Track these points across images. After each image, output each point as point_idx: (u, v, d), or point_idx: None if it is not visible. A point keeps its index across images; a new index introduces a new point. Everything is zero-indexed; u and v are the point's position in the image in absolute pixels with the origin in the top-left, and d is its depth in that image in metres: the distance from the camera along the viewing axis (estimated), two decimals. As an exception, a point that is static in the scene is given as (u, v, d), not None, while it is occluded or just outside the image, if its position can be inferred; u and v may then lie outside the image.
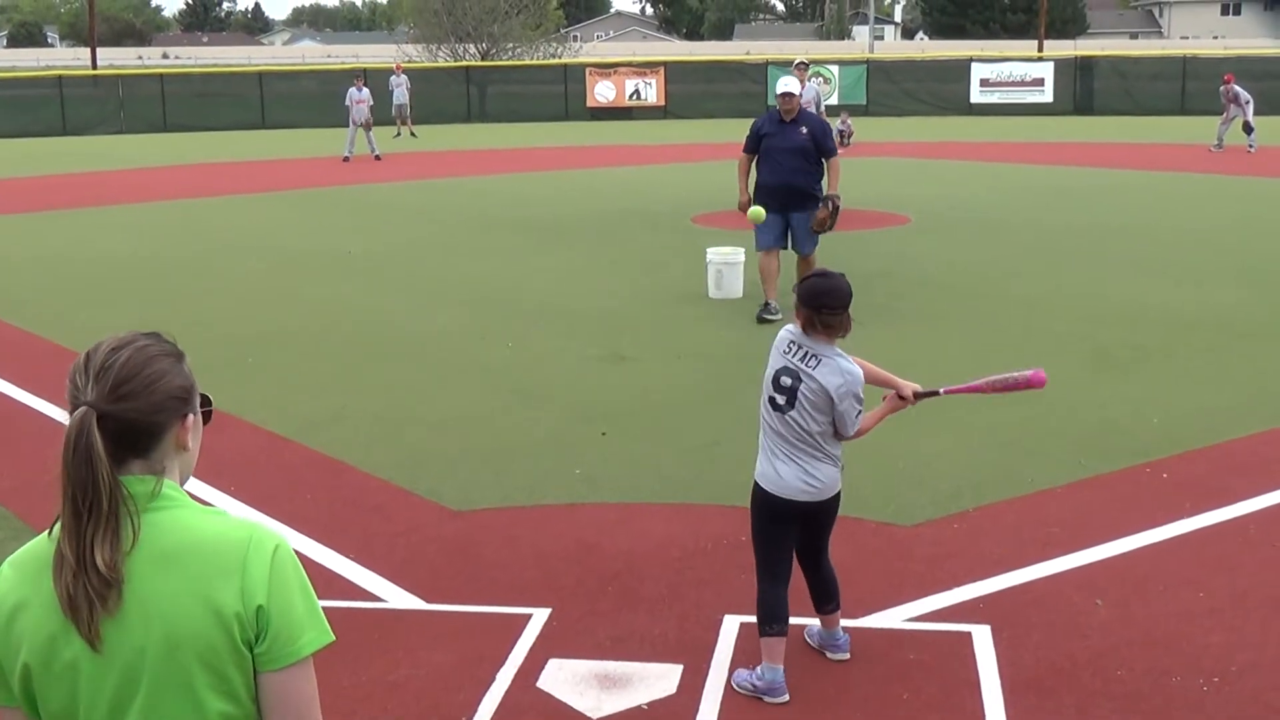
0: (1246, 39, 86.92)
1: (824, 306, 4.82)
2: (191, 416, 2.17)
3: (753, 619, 5.09)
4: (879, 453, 7.73)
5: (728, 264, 12.42)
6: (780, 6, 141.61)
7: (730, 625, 5.36)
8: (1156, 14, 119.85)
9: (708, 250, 12.82)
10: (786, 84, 11.50)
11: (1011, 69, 47.75)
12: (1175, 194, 21.72)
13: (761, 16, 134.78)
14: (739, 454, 7.74)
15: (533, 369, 10.02)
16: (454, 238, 17.33)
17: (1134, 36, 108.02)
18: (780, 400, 4.83)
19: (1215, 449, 7.73)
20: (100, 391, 2.04)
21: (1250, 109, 29.36)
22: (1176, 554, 6.15)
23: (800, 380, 4.80)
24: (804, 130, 11.44)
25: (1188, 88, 45.79)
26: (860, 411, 4.86)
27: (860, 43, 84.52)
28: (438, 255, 15.73)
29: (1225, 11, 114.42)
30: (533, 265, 14.95)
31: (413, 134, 38.07)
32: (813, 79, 18.66)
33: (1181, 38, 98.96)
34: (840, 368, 4.82)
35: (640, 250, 15.97)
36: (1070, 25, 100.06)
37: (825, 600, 5.12)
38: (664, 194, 22.28)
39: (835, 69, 47.64)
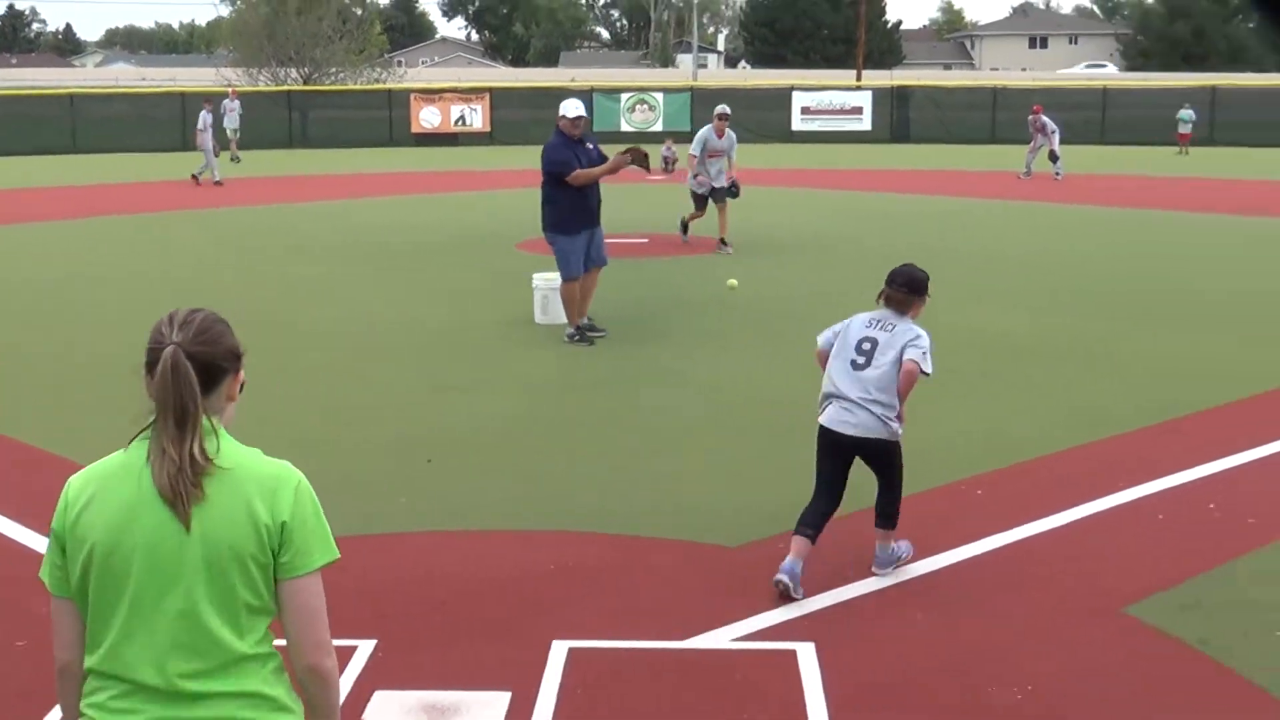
0: (1053, 71, 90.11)
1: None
2: (242, 373, 2.77)
3: (582, 643, 5.31)
4: (705, 474, 7.82)
5: (553, 289, 12.43)
6: (605, 34, 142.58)
7: (559, 651, 5.35)
8: (968, 46, 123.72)
9: (534, 276, 12.83)
10: (577, 107, 11.72)
11: (831, 98, 48.80)
12: (988, 220, 22.40)
13: (587, 44, 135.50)
14: (567, 479, 7.76)
15: (357, 397, 9.90)
16: (275, 265, 17.05)
17: (948, 67, 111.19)
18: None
19: (1031, 464, 7.98)
20: (185, 336, 2.62)
21: (1057, 138, 30.44)
22: (993, 567, 6.33)
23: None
24: (591, 146, 11.75)
25: (998, 117, 47.28)
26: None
27: (684, 70, 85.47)
28: (258, 283, 15.45)
29: (1033, 45, 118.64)
30: (357, 292, 14.79)
31: (237, 159, 37.38)
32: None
33: (992, 69, 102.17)
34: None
35: (466, 277, 15.91)
36: (887, 56, 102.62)
37: (881, 518, 6.24)
38: (489, 220, 22.23)
39: (660, 96, 48.13)
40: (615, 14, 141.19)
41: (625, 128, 46.34)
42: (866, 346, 6.16)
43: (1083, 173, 31.59)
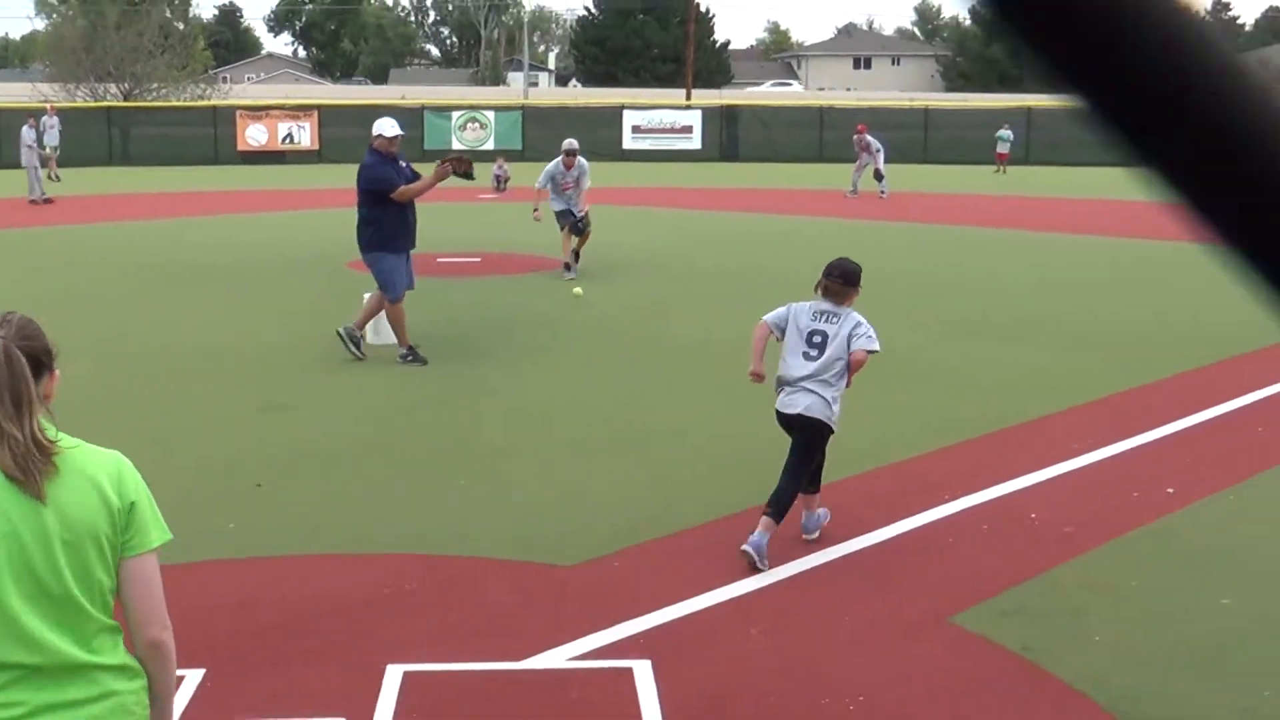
0: (877, 91, 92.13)
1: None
2: (58, 372, 2.89)
3: (416, 667, 5.29)
4: (537, 493, 7.80)
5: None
6: (435, 52, 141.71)
7: (394, 675, 5.29)
8: (795, 66, 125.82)
9: (365, 295, 12.67)
10: (394, 125, 11.66)
11: (662, 116, 49.21)
12: (816, 237, 22.78)
13: (416, 61, 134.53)
14: (398, 501, 7.67)
15: (183, 419, 9.66)
16: (98, 284, 16.57)
17: (775, 86, 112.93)
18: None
19: (855, 480, 8.12)
20: (9, 332, 2.74)
21: (881, 157, 31.13)
22: (823, 582, 6.43)
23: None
24: (405, 165, 11.71)
25: (825, 136, 48.19)
26: None
27: (515, 89, 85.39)
28: (80, 302, 14.99)
29: (857, 65, 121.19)
30: (183, 313, 14.44)
31: (56, 178, 36.24)
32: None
33: (818, 89, 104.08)
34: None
35: (295, 296, 15.65)
36: (716, 75, 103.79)
37: (806, 486, 6.93)
38: (318, 239, 21.90)
39: (491, 114, 48.02)
40: (445, 32, 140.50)
41: (457, 146, 46.07)
42: (818, 339, 6.94)
43: (907, 191, 32.35)
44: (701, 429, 9.43)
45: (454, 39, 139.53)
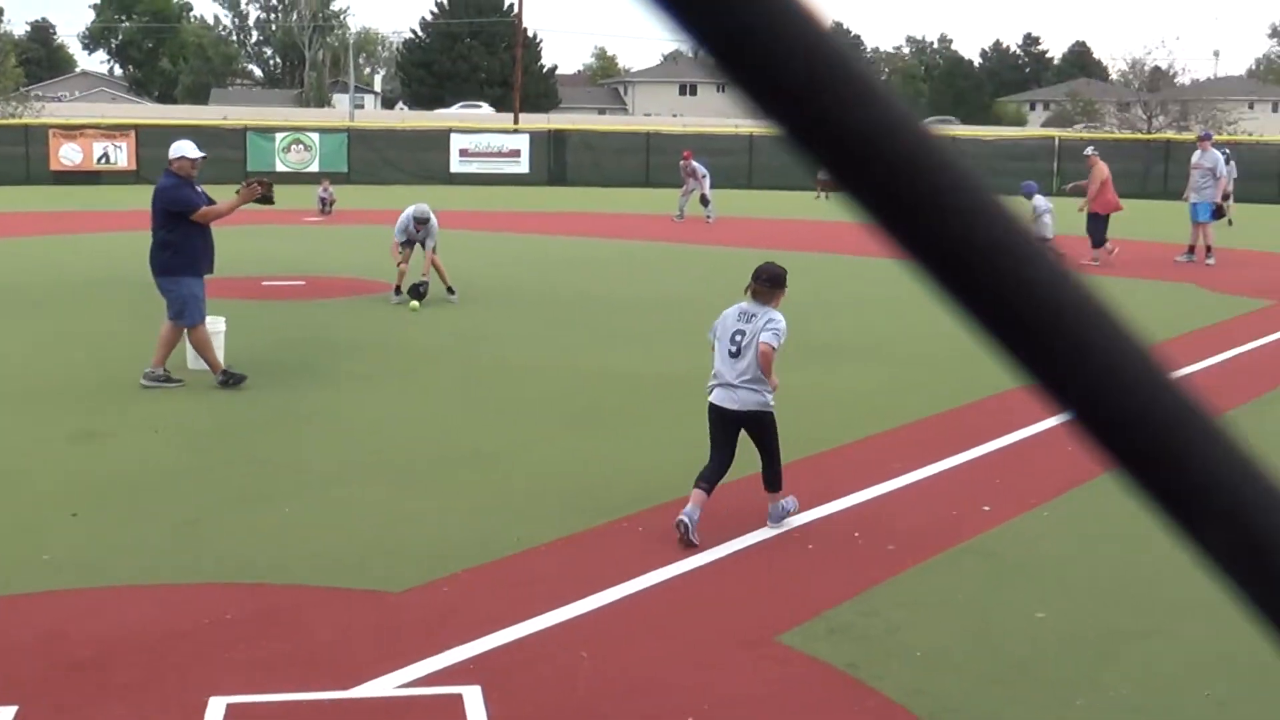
0: (702, 117, 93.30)
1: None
2: None
3: (240, 698, 5.19)
4: (366, 519, 7.71)
5: (209, 333, 12.03)
6: (258, 72, 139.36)
7: (216, 708, 5.16)
8: (622, 91, 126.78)
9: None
10: (196, 147, 11.60)
11: (489, 140, 49.07)
12: (644, 261, 22.96)
13: (239, 81, 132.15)
14: (221, 529, 7.51)
15: (-7, 449, 9.32)
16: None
17: (602, 112, 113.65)
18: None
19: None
20: None
21: (707, 182, 31.51)
22: (654, 601, 6.47)
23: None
24: (200, 190, 11.61)
25: (651, 161, 48.59)
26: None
27: (341, 110, 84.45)
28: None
29: (683, 92, 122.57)
30: (-9, 338, 13.93)
31: None
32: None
33: (645, 115, 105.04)
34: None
35: (112, 320, 15.20)
36: (544, 99, 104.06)
37: (769, 482, 7.54)
38: (136, 262, 21.28)
39: (316, 136, 47.35)
40: (269, 52, 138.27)
41: (281, 168, 45.36)
42: (739, 338, 7.51)
43: (733, 216, 32.78)
44: (529, 453, 9.42)
45: (277, 60, 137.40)
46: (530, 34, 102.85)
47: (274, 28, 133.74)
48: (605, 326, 15.25)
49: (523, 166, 48.17)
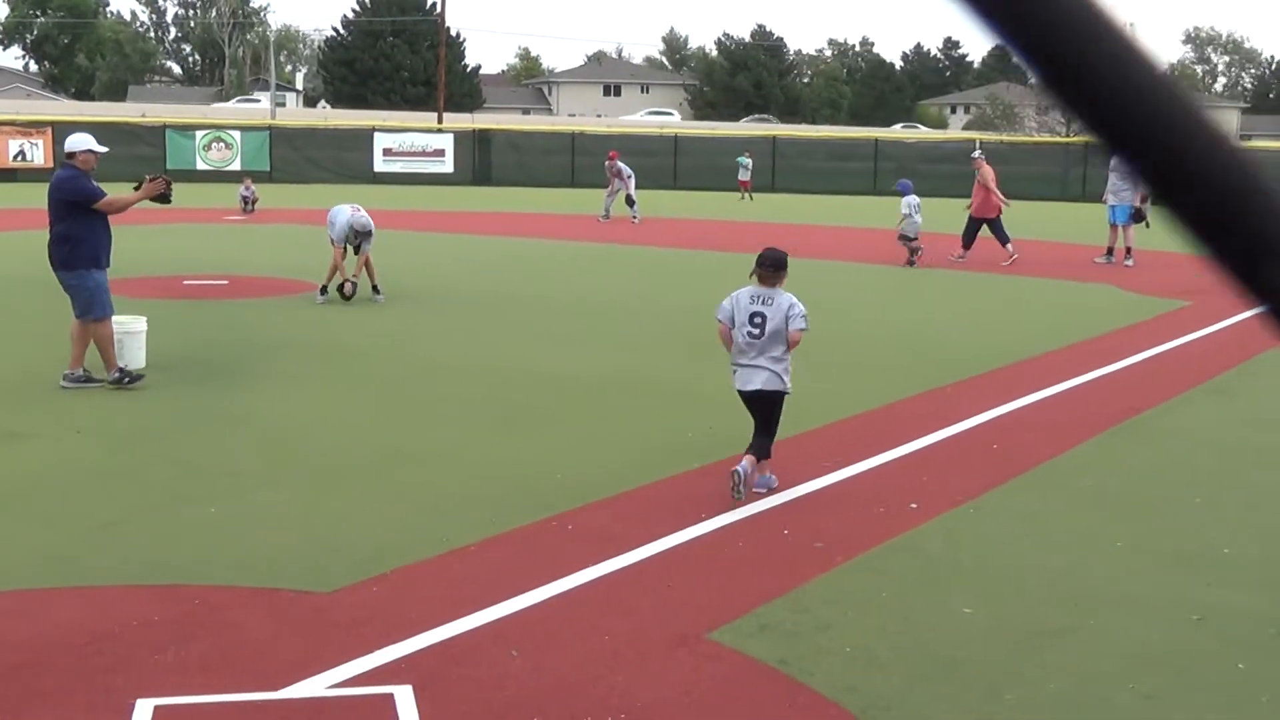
0: (627, 118, 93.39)
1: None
2: None
3: (169, 700, 5.12)
4: (293, 519, 7.64)
5: (128, 333, 11.87)
6: (177, 69, 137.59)
7: (143, 711, 5.09)
8: (546, 92, 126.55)
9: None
10: (93, 141, 11.35)
11: (413, 139, 48.81)
12: (571, 262, 22.96)
13: (157, 78, 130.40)
14: (145, 530, 7.41)
15: (-93, 450, 9.13)
16: None
17: (526, 112, 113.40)
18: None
19: (614, 500, 8.20)
20: None
21: (632, 183, 31.55)
22: (585, 599, 6.47)
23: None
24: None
25: (576, 162, 48.59)
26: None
27: (262, 109, 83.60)
28: None
29: (608, 92, 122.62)
30: (-96, 337, 13.66)
31: None
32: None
33: (569, 115, 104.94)
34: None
35: (32, 319, 14.94)
36: (468, 99, 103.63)
37: (757, 450, 8.22)
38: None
39: (237, 135, 46.85)
40: (187, 49, 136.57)
41: (201, 166, 44.87)
42: (758, 320, 8.32)
43: (658, 216, 32.85)
44: (458, 453, 9.39)
45: (196, 57, 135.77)
46: (453, 33, 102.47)
47: (193, 24, 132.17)
48: (532, 327, 15.22)
49: (447, 166, 47.98)
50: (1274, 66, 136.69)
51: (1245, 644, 6.11)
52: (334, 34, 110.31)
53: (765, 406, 8.37)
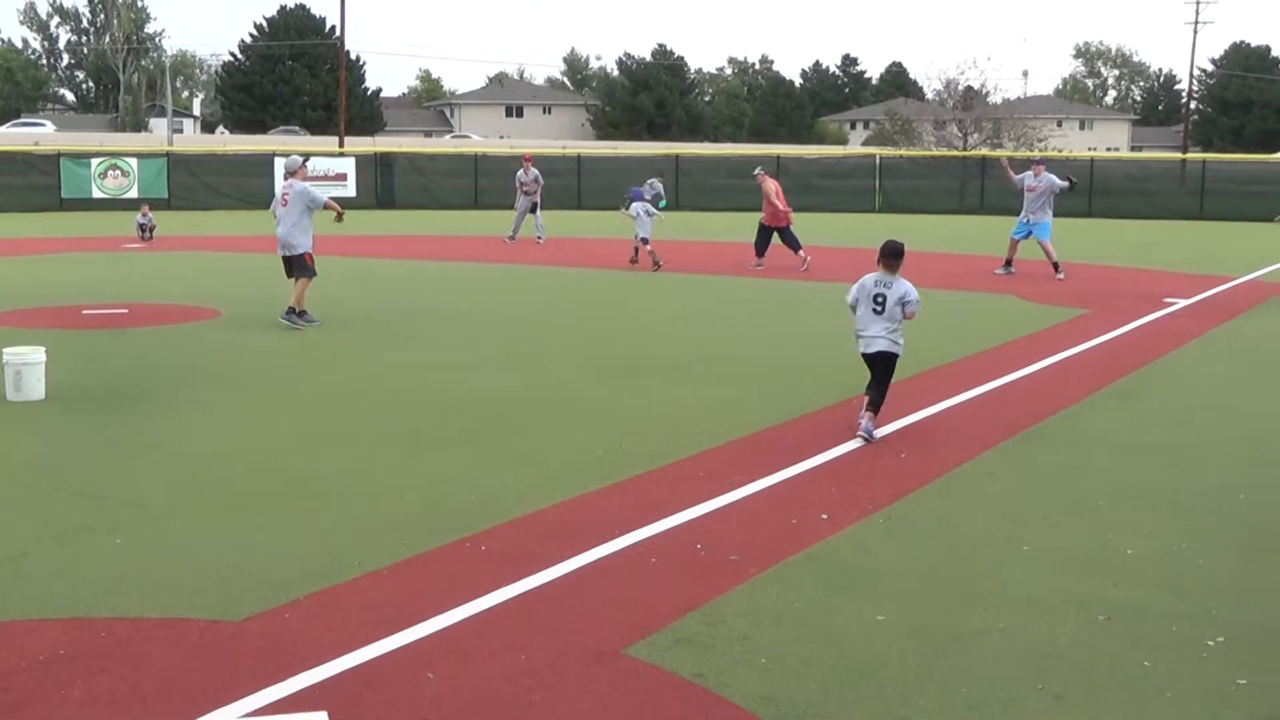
0: (530, 139, 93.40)
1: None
2: None
3: None
4: (203, 548, 7.53)
5: (26, 364, 11.66)
6: (71, 96, 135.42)
7: (51, 746, 4.99)
8: (448, 114, 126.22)
9: (4, 350, 11.99)
10: None
11: (315, 164, 48.41)
12: (477, 283, 22.88)
13: (51, 106, 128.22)
14: (49, 563, 7.27)
15: None
16: None
17: (429, 135, 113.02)
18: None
19: (527, 519, 8.18)
20: None
21: (539, 190, 31.57)
22: (500, 619, 6.44)
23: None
24: None
25: (480, 183, 48.50)
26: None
27: (159, 135, 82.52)
28: None
29: (510, 114, 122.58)
30: None
31: None
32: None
33: (465, 135, 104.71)
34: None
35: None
36: (369, 123, 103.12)
37: (873, 406, 10.50)
38: (-52, 292, 20.56)
39: (134, 162, 46.19)
40: (80, 75, 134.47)
41: (97, 194, 44.17)
42: (880, 299, 10.54)
43: (563, 236, 32.86)
44: (368, 476, 9.32)
45: (90, 83, 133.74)
46: (353, 56, 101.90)
47: (86, 51, 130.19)
48: (440, 348, 15.16)
49: (349, 190, 47.64)
50: (1162, 80, 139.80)
51: (1150, 642, 6.24)
52: (231, 59, 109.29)
53: (883, 365, 10.54)
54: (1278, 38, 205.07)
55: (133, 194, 43.46)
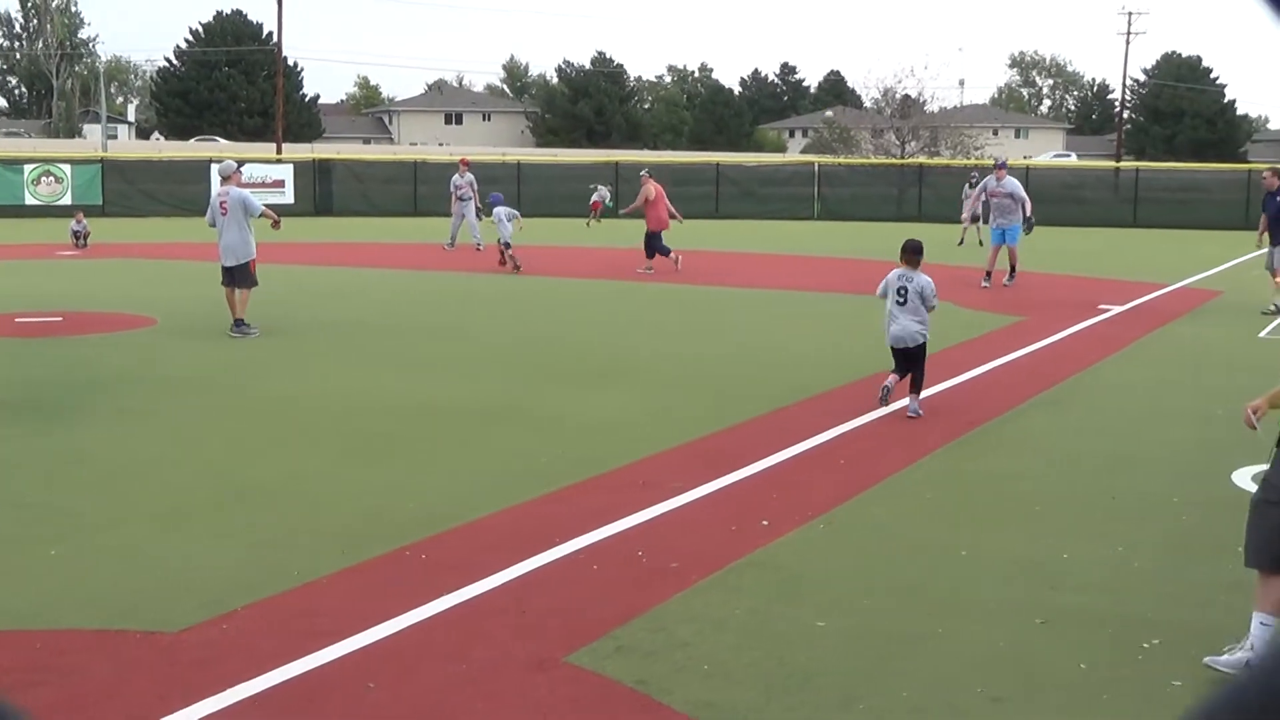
0: (470, 146, 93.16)
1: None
2: None
3: None
4: (138, 559, 7.46)
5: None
6: (3, 102, 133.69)
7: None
8: (387, 121, 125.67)
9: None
10: None
11: (252, 170, 47.97)
12: (413, 290, 22.77)
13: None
14: (-17, 576, 7.17)
15: None
16: None
17: (367, 142, 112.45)
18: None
19: (467, 527, 8.16)
20: None
21: (472, 208, 31.46)
22: (440, 628, 6.42)
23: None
24: None
25: (419, 190, 48.27)
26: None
27: (93, 141, 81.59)
28: None
29: (449, 121, 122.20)
30: None
31: None
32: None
33: (411, 144, 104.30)
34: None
35: None
36: (307, 129, 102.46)
37: (913, 388, 11.76)
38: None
39: (68, 168, 45.59)
40: (13, 81, 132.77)
41: (31, 201, 43.58)
42: (904, 292, 11.66)
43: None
44: (305, 486, 9.26)
45: (23, 89, 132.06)
46: (291, 63, 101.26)
47: (18, 56, 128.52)
48: (378, 356, 15.08)
49: (287, 197, 47.21)
50: (1095, 89, 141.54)
51: (1086, 645, 6.31)
52: (167, 64, 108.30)
53: (911, 352, 11.68)
54: (1208, 48, 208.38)
55: (66, 201, 42.87)
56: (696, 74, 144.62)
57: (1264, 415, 6.39)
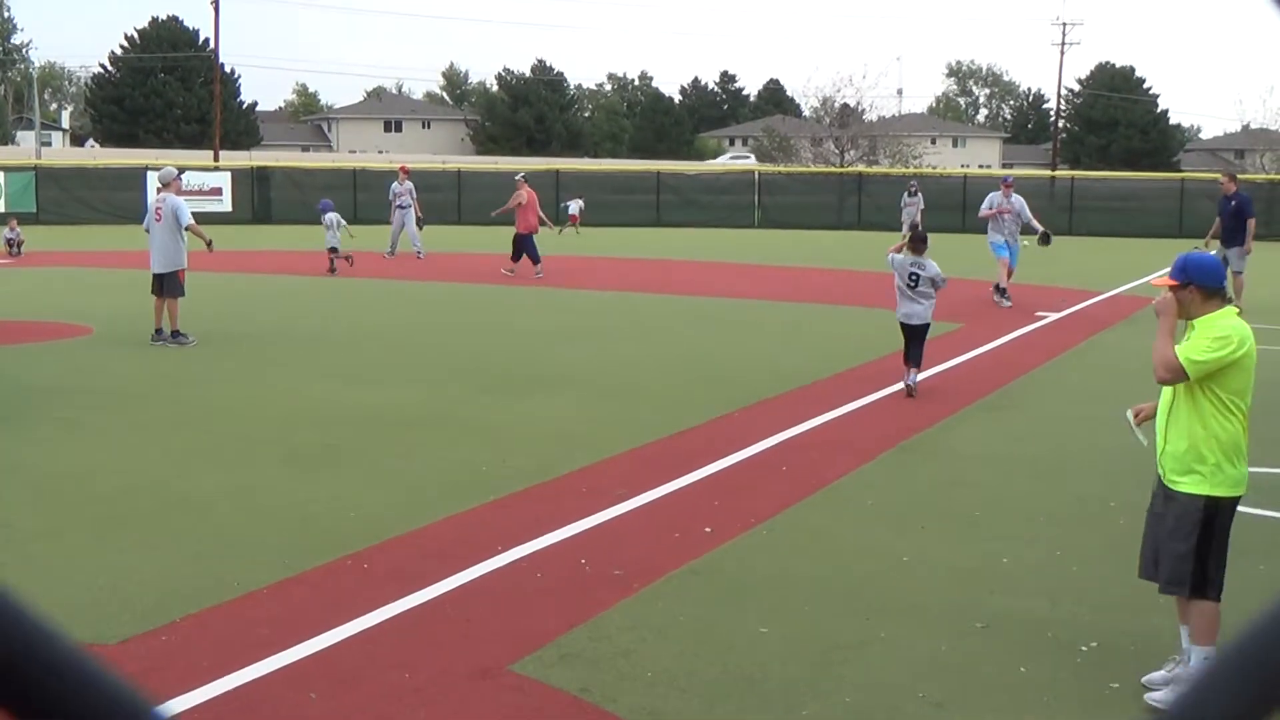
0: (410, 154, 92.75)
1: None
2: None
3: None
4: (75, 571, 7.37)
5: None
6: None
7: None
8: (326, 128, 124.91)
9: None
10: None
11: (189, 178, 47.49)
12: (354, 298, 22.64)
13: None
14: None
15: None
16: None
17: (306, 149, 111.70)
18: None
19: (409, 536, 8.12)
20: None
21: (412, 216, 31.37)
22: (383, 637, 6.38)
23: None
24: None
25: (359, 198, 48.00)
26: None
27: (26, 148, 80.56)
28: None
29: (389, 128, 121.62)
30: None
31: None
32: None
33: (350, 151, 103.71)
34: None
35: None
36: (244, 137, 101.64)
37: (915, 364, 13.14)
38: None
39: (1, 175, 44.98)
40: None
41: (-39, 208, 42.94)
42: (913, 275, 13.01)
43: (443, 251, 32.67)
44: (246, 495, 9.18)
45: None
46: (228, 69, 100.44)
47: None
48: (318, 364, 14.98)
49: (225, 205, 46.88)
50: (1031, 99, 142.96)
51: (1026, 648, 6.37)
52: (102, 71, 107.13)
53: (919, 331, 13.01)
54: (1141, 59, 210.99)
55: (0, 208, 42.34)
56: (637, 82, 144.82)
57: (1145, 420, 6.52)
